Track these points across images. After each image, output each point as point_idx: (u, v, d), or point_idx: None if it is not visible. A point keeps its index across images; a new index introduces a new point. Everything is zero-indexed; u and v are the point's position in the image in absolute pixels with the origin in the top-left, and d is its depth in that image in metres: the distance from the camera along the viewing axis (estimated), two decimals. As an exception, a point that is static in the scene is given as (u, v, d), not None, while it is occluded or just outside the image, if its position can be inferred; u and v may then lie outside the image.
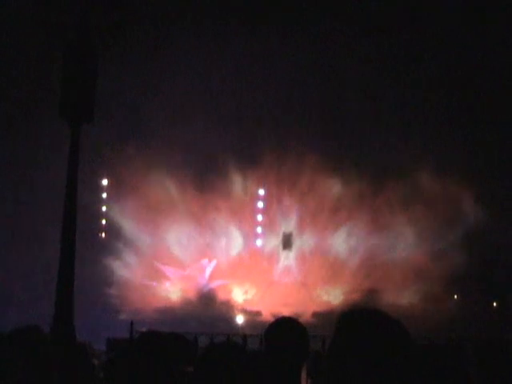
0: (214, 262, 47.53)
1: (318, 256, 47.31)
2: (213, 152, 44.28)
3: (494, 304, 44.60)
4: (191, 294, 46.36)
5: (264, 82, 43.79)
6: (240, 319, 44.92)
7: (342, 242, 47.45)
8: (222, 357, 4.38)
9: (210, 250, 47.65)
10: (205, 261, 47.43)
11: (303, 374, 5.50)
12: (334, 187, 47.14)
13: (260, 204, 48.81)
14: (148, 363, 4.73)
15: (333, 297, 46.31)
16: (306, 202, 47.58)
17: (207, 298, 46.15)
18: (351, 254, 47.15)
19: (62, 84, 17.39)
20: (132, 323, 21.66)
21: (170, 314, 42.78)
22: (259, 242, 48.79)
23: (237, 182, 47.51)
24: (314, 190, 47.42)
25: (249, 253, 48.06)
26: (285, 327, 4.65)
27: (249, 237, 48.48)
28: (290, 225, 48.32)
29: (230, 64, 43.50)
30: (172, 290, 46.70)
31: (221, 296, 46.52)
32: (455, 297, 44.76)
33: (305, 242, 48.00)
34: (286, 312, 35.12)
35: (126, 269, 45.94)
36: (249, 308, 45.87)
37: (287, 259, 48.30)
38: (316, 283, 46.81)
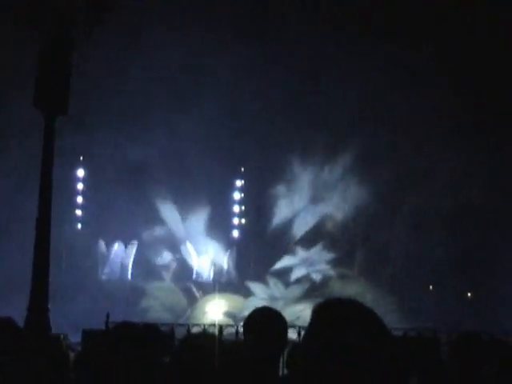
0: None
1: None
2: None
3: (469, 294, 44.92)
4: None
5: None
6: None
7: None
8: (198, 347, 4.37)
9: None
10: None
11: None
12: None
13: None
14: (123, 354, 4.70)
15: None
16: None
17: None
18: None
19: (37, 75, 17.24)
20: (108, 314, 21.47)
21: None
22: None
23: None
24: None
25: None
26: (263, 316, 4.68)
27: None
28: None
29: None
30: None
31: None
32: (430, 287, 45.02)
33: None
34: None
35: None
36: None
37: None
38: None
